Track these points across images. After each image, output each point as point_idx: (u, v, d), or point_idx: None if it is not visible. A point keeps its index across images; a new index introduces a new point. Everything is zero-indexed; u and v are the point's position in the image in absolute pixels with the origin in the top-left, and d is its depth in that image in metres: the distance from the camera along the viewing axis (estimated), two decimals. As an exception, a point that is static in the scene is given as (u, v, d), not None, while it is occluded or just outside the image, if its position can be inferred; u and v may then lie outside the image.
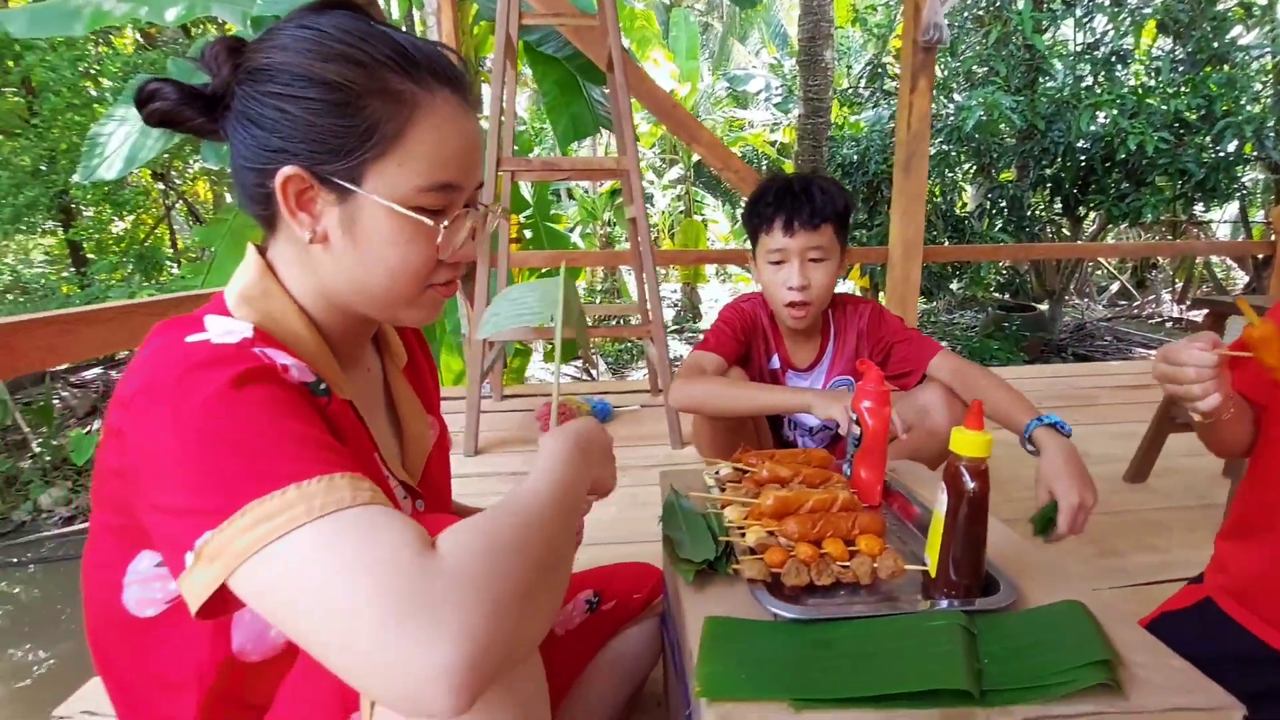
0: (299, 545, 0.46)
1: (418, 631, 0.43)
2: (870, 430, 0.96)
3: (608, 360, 7.28)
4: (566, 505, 0.60)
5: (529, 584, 0.49)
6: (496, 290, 2.93)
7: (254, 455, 0.49)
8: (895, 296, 3.34)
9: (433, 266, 0.66)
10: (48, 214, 5.80)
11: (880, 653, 0.62)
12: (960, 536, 0.71)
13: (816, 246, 1.38)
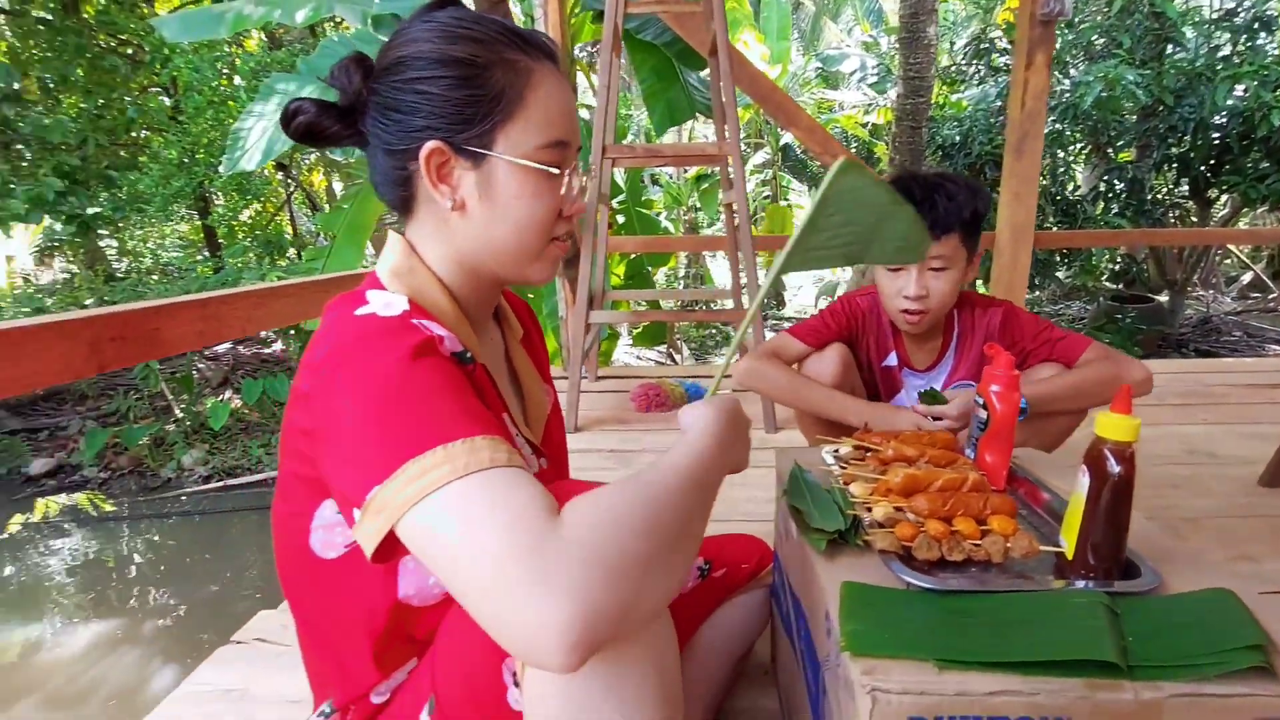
0: (444, 501, 0.52)
1: (530, 590, 0.47)
2: (998, 415, 0.96)
3: (691, 346, 7.32)
4: (706, 483, 0.62)
5: (648, 558, 0.51)
6: (595, 273, 3.02)
7: (415, 419, 0.56)
8: (1002, 284, 3.21)
9: (554, 219, 0.74)
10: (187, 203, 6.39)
11: (1022, 623, 0.64)
12: (1102, 520, 0.72)
13: (937, 256, 1.32)
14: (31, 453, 5.78)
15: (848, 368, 1.48)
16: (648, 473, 0.59)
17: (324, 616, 0.75)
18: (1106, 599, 0.67)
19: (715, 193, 8.28)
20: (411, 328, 0.64)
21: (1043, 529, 0.88)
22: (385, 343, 0.61)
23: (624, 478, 0.58)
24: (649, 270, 4.46)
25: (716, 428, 0.69)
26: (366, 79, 0.71)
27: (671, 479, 0.59)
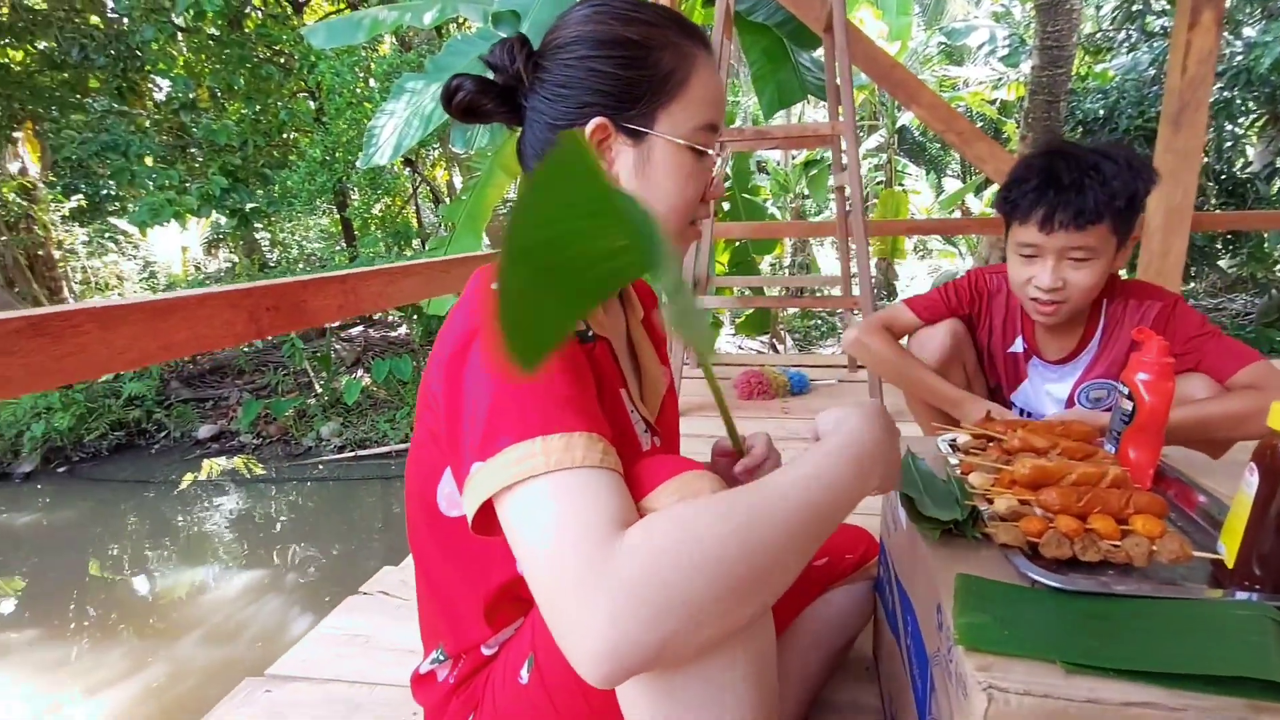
0: (528, 494, 0.54)
1: (577, 608, 0.48)
2: (1147, 406, 0.87)
3: (795, 336, 7.14)
4: (831, 507, 0.57)
5: (714, 599, 0.49)
6: (699, 259, 3.01)
7: (523, 405, 0.57)
8: (1150, 272, 2.89)
9: (699, 200, 0.76)
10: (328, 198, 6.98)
11: (1169, 633, 0.57)
12: (1273, 526, 0.63)
13: (1080, 247, 1.16)
14: (199, 419, 6.57)
15: (959, 346, 1.38)
16: (761, 487, 0.55)
17: (443, 570, 0.80)
18: (1277, 613, 0.59)
19: (824, 178, 8.00)
20: None
21: (1195, 534, 0.79)
22: None
23: (731, 490, 0.56)
24: (754, 258, 4.39)
25: (861, 440, 0.63)
26: (530, 58, 0.75)
27: (787, 500, 0.55)
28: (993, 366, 1.45)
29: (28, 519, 5.24)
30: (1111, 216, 1.14)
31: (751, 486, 0.56)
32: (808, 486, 0.56)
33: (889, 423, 0.69)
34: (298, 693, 1.19)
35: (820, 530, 0.57)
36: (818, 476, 0.58)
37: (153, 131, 6.61)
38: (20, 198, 7.42)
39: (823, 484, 0.58)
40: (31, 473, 5.93)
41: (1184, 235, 2.83)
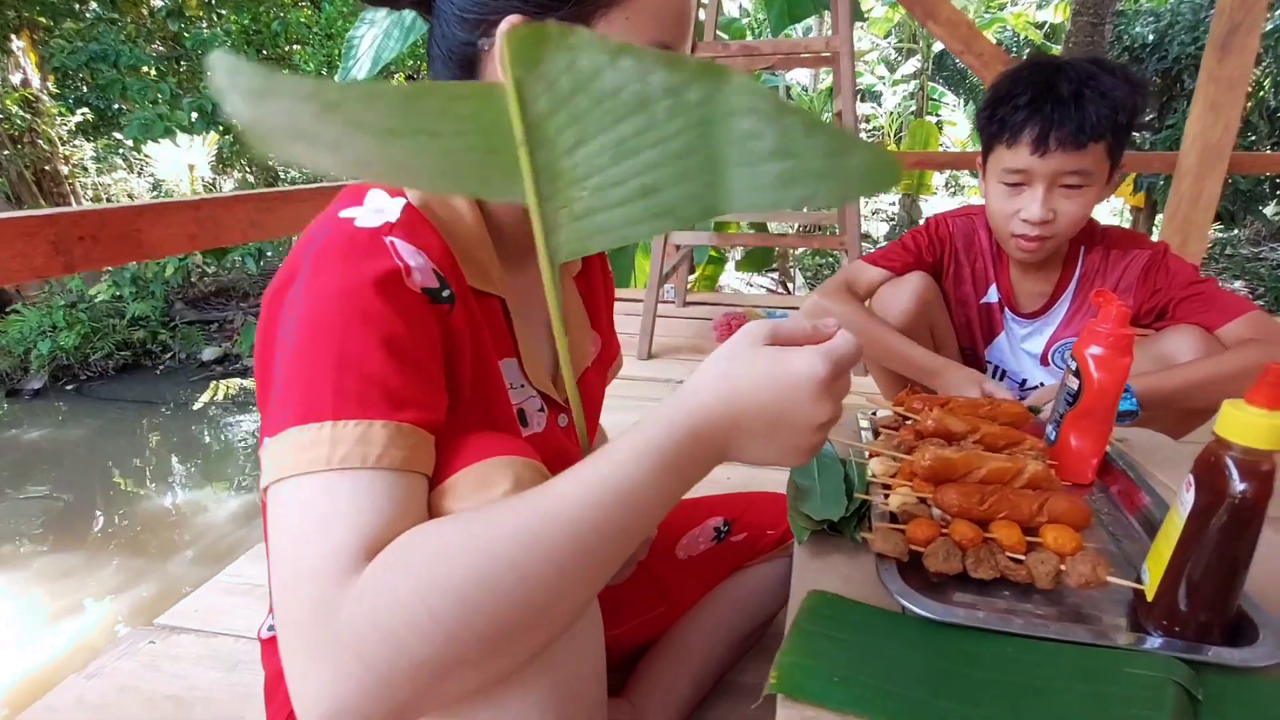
0: (290, 491, 0.44)
1: (300, 656, 0.41)
2: (1095, 386, 0.72)
3: (806, 274, 6.89)
4: (633, 530, 0.44)
5: (457, 658, 0.40)
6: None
7: (324, 375, 0.47)
8: (1176, 219, 2.63)
9: None
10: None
11: (1044, 692, 0.45)
12: (1207, 554, 0.50)
13: (1075, 171, 1.00)
14: (204, 341, 6.60)
15: (927, 301, 1.22)
16: (541, 505, 0.43)
17: None
18: (1186, 673, 0.46)
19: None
20: (380, 250, 0.53)
21: (1127, 549, 0.65)
22: (339, 265, 0.51)
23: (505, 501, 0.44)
24: (755, 190, 4.11)
25: (703, 422, 0.46)
26: None
27: (572, 524, 0.42)
28: (965, 323, 1.28)
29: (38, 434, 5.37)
30: (1112, 134, 0.99)
31: (530, 500, 0.43)
32: (603, 502, 0.43)
33: (797, 381, 0.45)
34: (180, 645, 1.13)
35: (620, 551, 0.46)
36: (619, 488, 0.43)
37: (143, 42, 6.35)
38: (23, 110, 7.27)
39: (625, 497, 0.43)
40: (40, 390, 6.03)
41: (1219, 177, 2.56)
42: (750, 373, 0.46)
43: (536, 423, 0.70)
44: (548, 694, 0.47)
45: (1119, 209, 6.94)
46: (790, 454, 0.48)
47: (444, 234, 0.59)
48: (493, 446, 0.50)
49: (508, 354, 0.66)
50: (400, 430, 0.46)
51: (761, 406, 0.45)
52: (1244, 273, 5.74)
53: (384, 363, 0.48)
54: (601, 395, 0.87)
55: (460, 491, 0.47)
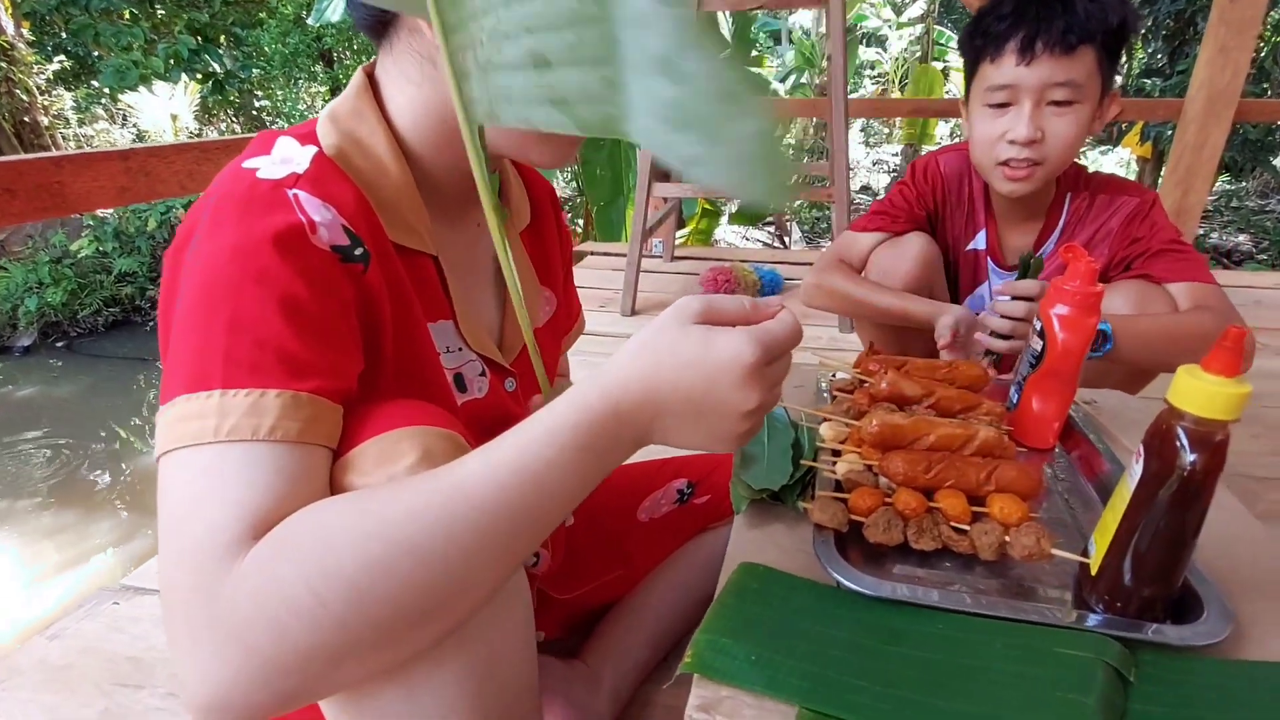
0: (176, 464, 0.42)
1: (182, 639, 0.38)
2: (1059, 347, 0.68)
3: (803, 228, 6.77)
4: (546, 515, 0.42)
5: (348, 644, 0.38)
6: (671, 142, 2.72)
7: (215, 340, 0.43)
8: (1179, 168, 2.55)
9: None
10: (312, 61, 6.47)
11: (970, 673, 0.43)
12: (1154, 527, 0.47)
13: (1065, 83, 0.93)
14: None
15: (930, 264, 1.15)
16: (445, 484, 0.40)
17: None
18: (1119, 654, 0.43)
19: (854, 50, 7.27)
20: (280, 204, 0.48)
21: (1085, 518, 0.63)
22: (235, 221, 0.47)
23: (408, 481, 0.41)
24: (749, 140, 3.99)
25: (624, 401, 0.42)
26: None
27: (475, 509, 0.40)
28: (953, 269, 1.23)
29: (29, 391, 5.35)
30: (1102, 39, 0.92)
31: (435, 480, 0.41)
32: (512, 485, 0.40)
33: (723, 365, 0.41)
34: (143, 607, 1.12)
35: (533, 534, 0.43)
36: (532, 469, 0.41)
37: (115, -17, 6.09)
38: (-1, 58, 7.03)
39: (538, 479, 0.41)
40: (30, 347, 6.00)
41: (1225, 125, 2.46)
42: (675, 353, 0.42)
43: (477, 388, 0.66)
44: (465, 670, 0.45)
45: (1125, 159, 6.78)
46: (717, 440, 0.44)
47: (362, 186, 0.54)
48: (404, 416, 0.47)
49: (442, 315, 0.63)
50: (297, 400, 0.43)
51: (685, 390, 0.42)
52: (1249, 225, 5.63)
53: (282, 327, 0.44)
54: (556, 357, 0.84)
55: (361, 465, 0.44)
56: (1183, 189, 2.58)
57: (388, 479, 0.42)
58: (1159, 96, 4.33)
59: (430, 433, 0.45)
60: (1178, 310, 0.98)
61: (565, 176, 5.34)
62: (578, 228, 4.81)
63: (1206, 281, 0.99)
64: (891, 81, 8.79)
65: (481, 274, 0.71)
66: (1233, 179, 6.08)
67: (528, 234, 0.76)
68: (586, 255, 3.06)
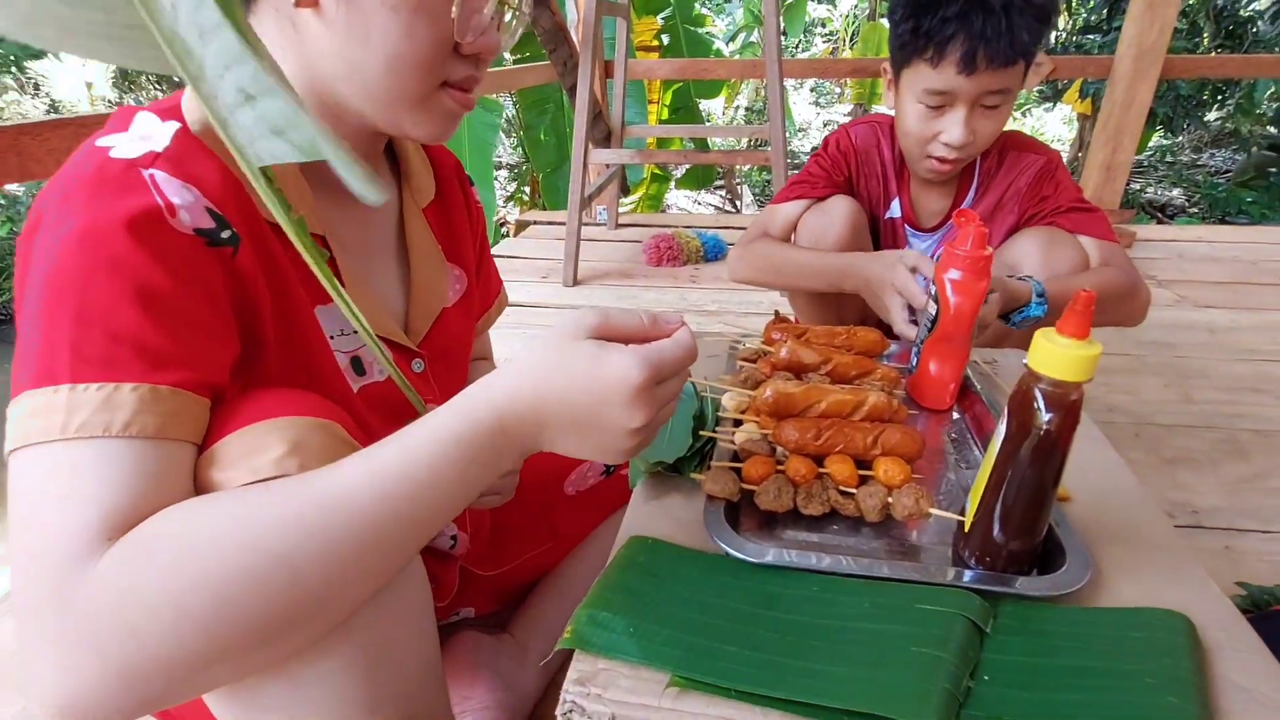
0: (26, 460, 0.39)
1: (34, 641, 0.37)
2: (952, 311, 0.69)
3: (754, 190, 6.77)
4: (421, 525, 0.42)
5: (211, 650, 0.37)
6: (613, 105, 2.66)
7: (53, 336, 0.41)
8: (1109, 125, 2.61)
9: (445, 53, 0.52)
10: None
11: (835, 632, 0.44)
12: (1016, 484, 0.49)
13: (999, 91, 0.96)
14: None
15: (858, 227, 1.15)
16: (318, 487, 0.40)
17: None
18: (978, 607, 0.45)
19: (802, 9, 7.19)
20: (135, 185, 0.45)
21: (971, 477, 0.65)
22: (85, 204, 0.44)
23: (281, 485, 0.40)
24: (694, 102, 3.96)
25: (509, 414, 0.43)
26: None
27: (351, 515, 0.39)
28: (874, 238, 1.24)
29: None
30: (1035, 46, 0.94)
31: (310, 486, 0.40)
32: (393, 494, 0.40)
33: (611, 384, 0.42)
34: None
35: (414, 542, 0.43)
36: (413, 478, 0.41)
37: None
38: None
39: (420, 488, 0.41)
40: (-49, 332, 5.67)
41: (1151, 82, 2.52)
42: (564, 369, 0.42)
43: (378, 370, 0.65)
44: (353, 658, 0.45)
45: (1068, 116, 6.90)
46: (604, 453, 0.46)
47: (231, 163, 0.51)
48: (275, 406, 0.46)
49: (325, 298, 0.60)
50: (156, 394, 0.41)
51: (572, 406, 0.43)
52: (1182, 180, 5.82)
53: (138, 317, 0.42)
54: (469, 337, 0.82)
55: (225, 460, 0.43)
56: (1112, 146, 2.64)
57: (252, 473, 0.41)
58: (1098, 53, 4.41)
59: (301, 423, 0.44)
60: (1086, 258, 1.02)
61: (511, 143, 5.21)
62: (524, 195, 4.71)
63: (1111, 239, 1.03)
64: (842, 40, 8.74)
65: (381, 252, 0.68)
66: (1166, 134, 6.26)
67: (432, 210, 0.74)
68: (529, 225, 3.01)
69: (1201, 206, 5.27)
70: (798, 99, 8.74)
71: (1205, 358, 1.72)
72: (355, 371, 0.63)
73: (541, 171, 3.63)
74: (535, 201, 4.38)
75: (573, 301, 2.22)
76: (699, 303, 2.19)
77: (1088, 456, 0.65)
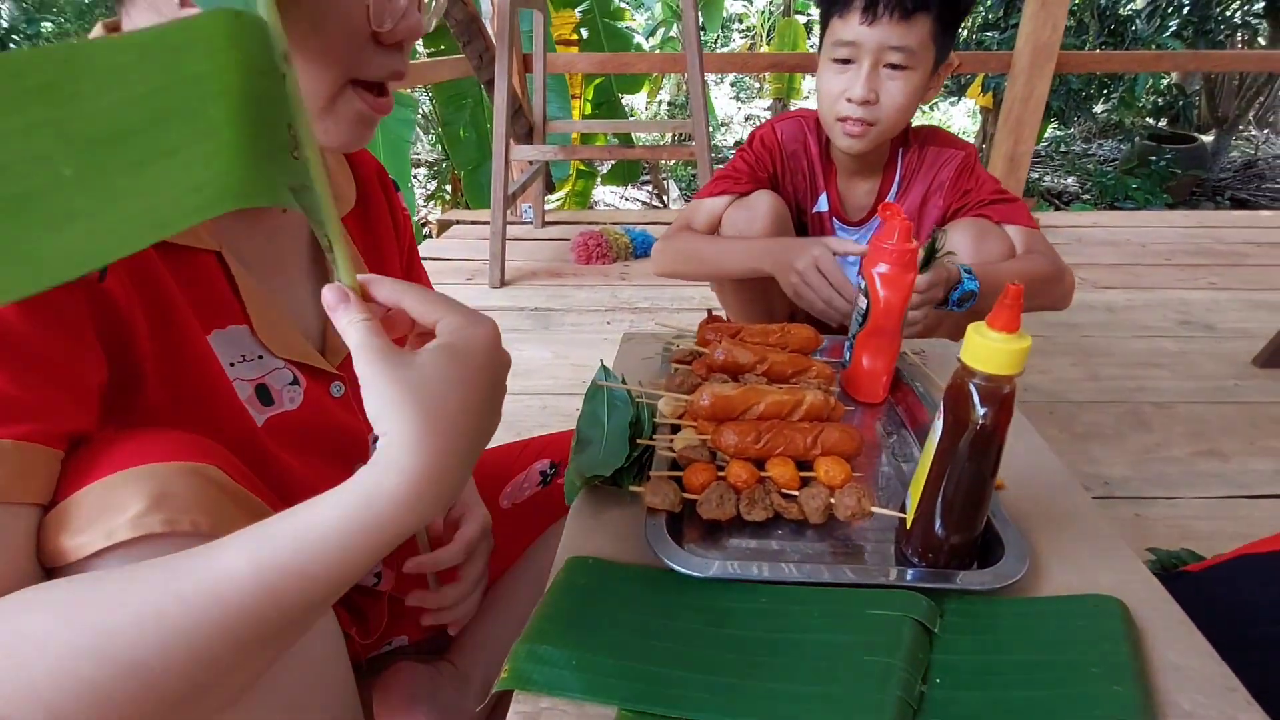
0: None
1: None
2: (881, 304, 0.70)
3: (680, 185, 6.81)
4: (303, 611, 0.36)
5: None
6: (534, 100, 2.60)
7: None
8: (1010, 118, 2.75)
9: (359, 44, 0.46)
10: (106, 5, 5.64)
11: (784, 647, 0.43)
12: (956, 479, 0.49)
13: (900, 47, 0.97)
14: None
15: (781, 219, 1.15)
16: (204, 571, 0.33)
17: None
18: (925, 608, 0.45)
19: (719, 3, 7.26)
20: None
21: (910, 471, 0.65)
22: None
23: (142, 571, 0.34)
24: (616, 97, 3.94)
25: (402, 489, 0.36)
26: None
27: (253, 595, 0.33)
28: (801, 234, 1.25)
29: None
30: (940, 9, 0.96)
31: (180, 575, 0.33)
32: (282, 588, 0.34)
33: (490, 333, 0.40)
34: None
35: (301, 628, 0.38)
36: (310, 571, 0.34)
37: None
38: None
39: (310, 582, 0.34)
40: None
41: (1048, 77, 2.67)
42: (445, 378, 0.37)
43: (288, 399, 0.58)
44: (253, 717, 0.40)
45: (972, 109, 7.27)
46: (495, 413, 0.41)
47: None
48: (137, 450, 0.40)
49: (232, 320, 0.54)
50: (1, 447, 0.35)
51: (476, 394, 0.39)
52: (1074, 169, 6.22)
53: None
54: None
55: (76, 521, 0.37)
56: (1014, 138, 2.78)
57: (106, 537, 0.35)
58: (997, 49, 4.64)
59: (165, 470, 0.38)
60: (1013, 246, 1.06)
61: (429, 139, 5.03)
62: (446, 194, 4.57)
63: (1033, 226, 1.08)
64: (759, 35, 8.90)
65: (292, 267, 0.62)
66: (1060, 126, 6.68)
67: (353, 218, 0.68)
68: (452, 225, 2.91)
69: (1093, 193, 5.64)
70: (719, 94, 8.85)
71: (1107, 336, 1.83)
72: (261, 401, 0.56)
73: (463, 169, 3.52)
74: (458, 200, 4.25)
75: (500, 303, 2.15)
76: (630, 300, 2.17)
77: (1012, 441, 0.66)
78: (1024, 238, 1.06)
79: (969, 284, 0.91)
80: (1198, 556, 1.02)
